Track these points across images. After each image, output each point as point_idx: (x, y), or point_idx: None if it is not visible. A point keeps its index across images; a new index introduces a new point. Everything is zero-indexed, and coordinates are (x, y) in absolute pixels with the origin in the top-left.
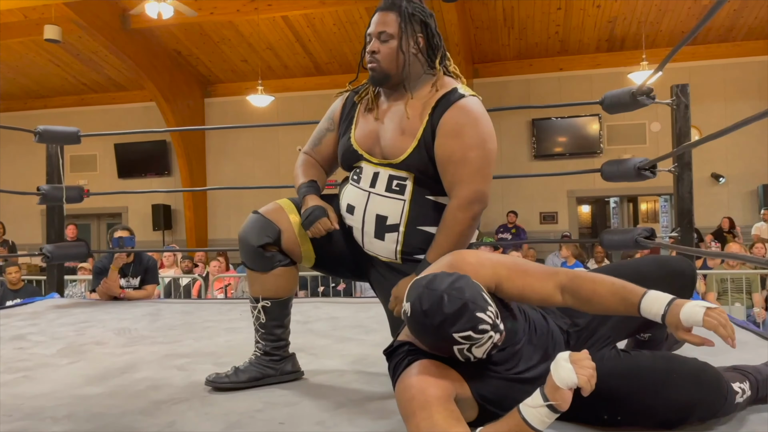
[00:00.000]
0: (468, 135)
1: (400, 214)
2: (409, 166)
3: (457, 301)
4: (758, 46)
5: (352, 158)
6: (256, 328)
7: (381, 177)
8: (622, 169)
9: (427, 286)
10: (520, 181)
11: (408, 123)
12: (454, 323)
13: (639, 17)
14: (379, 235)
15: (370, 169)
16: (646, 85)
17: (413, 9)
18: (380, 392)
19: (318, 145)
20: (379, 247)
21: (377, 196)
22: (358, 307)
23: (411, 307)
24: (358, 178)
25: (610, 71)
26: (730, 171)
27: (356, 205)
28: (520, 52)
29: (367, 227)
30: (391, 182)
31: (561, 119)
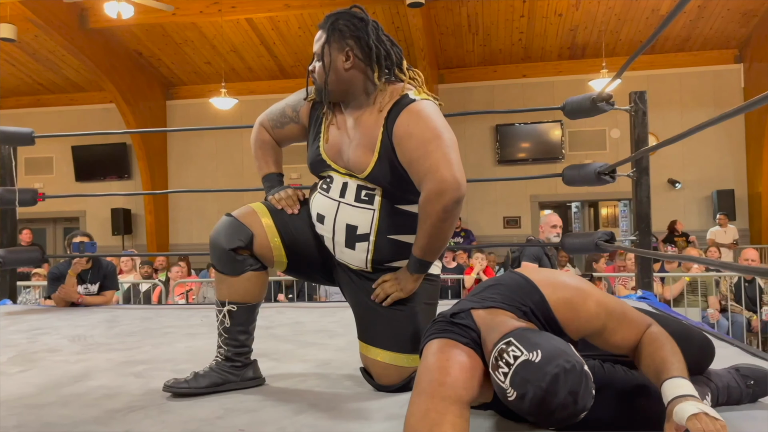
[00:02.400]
0: (421, 131)
1: (370, 224)
2: (374, 180)
3: (570, 408)
4: (713, 56)
5: (321, 167)
6: (220, 332)
7: (350, 187)
8: (582, 173)
9: (547, 390)
10: (484, 186)
11: (365, 137)
12: (562, 419)
13: (599, 26)
14: (349, 244)
15: (340, 179)
16: (605, 92)
17: (343, 24)
18: (343, 396)
19: (279, 128)
20: (349, 256)
21: (347, 206)
22: (322, 312)
23: (516, 395)
24: (327, 188)
25: (572, 78)
26: (686, 177)
27: (326, 214)
28: (485, 59)
29: (338, 237)
30: (360, 192)
31: (524, 125)
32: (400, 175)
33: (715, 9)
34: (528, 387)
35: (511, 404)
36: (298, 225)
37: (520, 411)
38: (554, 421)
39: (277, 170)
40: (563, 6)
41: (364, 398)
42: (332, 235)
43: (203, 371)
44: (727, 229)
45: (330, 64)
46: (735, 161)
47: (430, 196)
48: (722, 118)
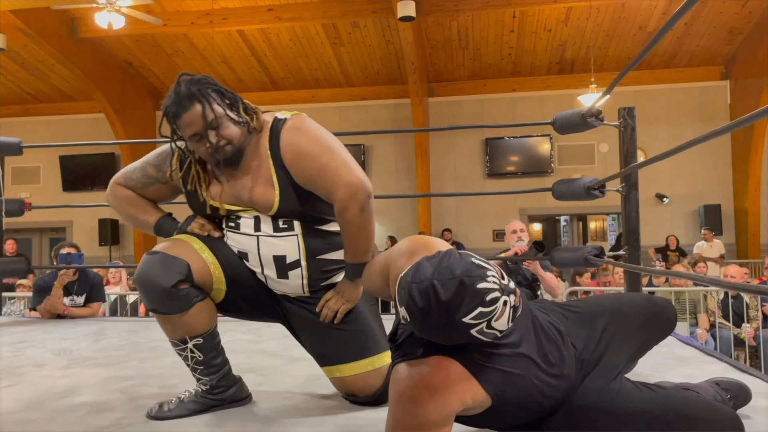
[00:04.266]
0: (309, 146)
1: (298, 250)
2: (285, 213)
3: (451, 283)
4: (699, 73)
5: (214, 214)
6: (193, 367)
7: (264, 220)
8: (572, 188)
9: (414, 280)
10: (474, 199)
11: (258, 174)
12: (458, 308)
13: (588, 42)
14: (282, 275)
15: (248, 215)
16: (595, 108)
17: (196, 90)
18: (331, 415)
19: (143, 189)
20: (285, 285)
21: (268, 238)
22: None
23: (407, 310)
24: (236, 225)
25: (561, 93)
26: (674, 192)
27: (248, 251)
28: (475, 73)
29: (267, 270)
30: (277, 222)
31: (513, 139)
32: (307, 196)
33: (702, 26)
34: (401, 293)
35: (413, 326)
36: (230, 252)
37: (420, 327)
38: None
39: (166, 213)
40: (552, 22)
41: (352, 417)
42: (261, 269)
43: (187, 398)
44: (713, 244)
45: (221, 128)
46: (721, 176)
47: (344, 203)
48: (711, 136)
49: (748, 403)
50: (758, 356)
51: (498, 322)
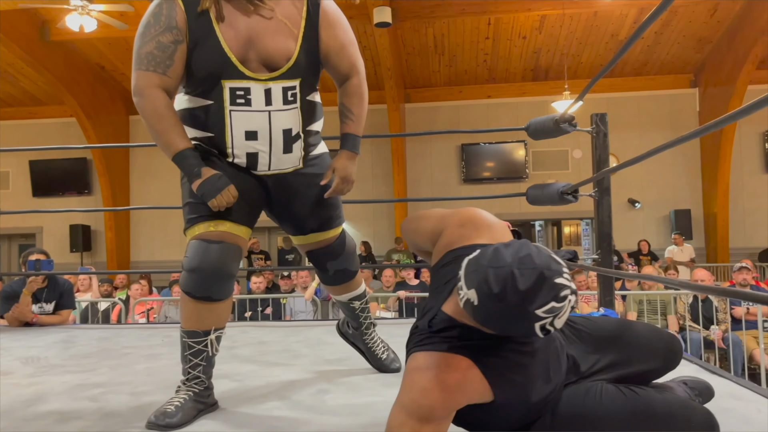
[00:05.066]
0: (345, 22)
1: (299, 122)
2: (297, 70)
3: (531, 273)
4: (669, 80)
5: (220, 71)
6: (197, 363)
7: (275, 92)
8: (546, 193)
9: (491, 265)
10: (450, 205)
11: (285, 22)
12: (534, 299)
13: (561, 49)
14: (287, 149)
15: (259, 87)
16: (568, 114)
17: None
18: (304, 420)
19: (171, 65)
20: (286, 160)
21: (278, 112)
22: (287, 331)
23: (478, 293)
24: (246, 101)
25: (535, 99)
26: (645, 197)
27: (259, 128)
28: (451, 79)
29: (275, 147)
30: (287, 94)
31: (489, 145)
32: (316, 63)
33: (671, 35)
34: (473, 276)
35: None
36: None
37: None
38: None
39: (191, 143)
40: (527, 29)
41: (326, 421)
42: (269, 147)
43: (183, 403)
44: (684, 248)
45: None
46: (691, 183)
47: (363, 77)
48: (679, 141)
49: (710, 401)
50: (727, 358)
51: (559, 321)
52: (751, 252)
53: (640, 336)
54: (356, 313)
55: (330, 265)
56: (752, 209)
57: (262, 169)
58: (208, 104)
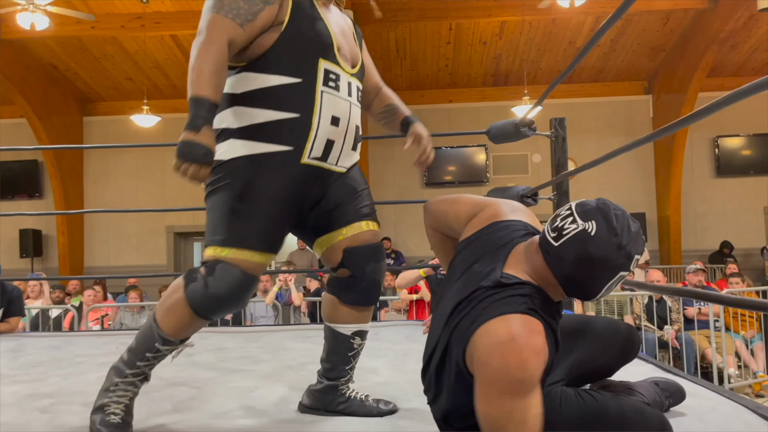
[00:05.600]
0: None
1: (362, 122)
2: (361, 75)
3: (636, 226)
4: (625, 87)
5: (322, 51)
6: (151, 363)
7: (353, 86)
8: (506, 196)
9: (614, 207)
10: (413, 208)
11: (349, 30)
12: (633, 245)
13: (521, 55)
14: (355, 146)
15: (345, 78)
16: (527, 118)
17: None
18: (263, 428)
19: (252, 21)
20: (350, 158)
21: (355, 106)
22: (247, 337)
23: (597, 225)
24: (336, 87)
25: (496, 104)
26: None
27: (341, 116)
28: (412, 83)
29: (348, 140)
30: (358, 93)
31: (451, 149)
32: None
33: (626, 43)
34: (594, 212)
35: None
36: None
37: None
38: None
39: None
40: (487, 35)
41: (288, 429)
42: (344, 139)
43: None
44: None
45: None
46: (645, 186)
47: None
48: (632, 146)
49: (682, 402)
50: (680, 357)
51: (614, 287)
52: (702, 254)
53: (600, 330)
54: (349, 355)
55: (370, 269)
56: (703, 212)
57: (332, 162)
58: (295, 82)
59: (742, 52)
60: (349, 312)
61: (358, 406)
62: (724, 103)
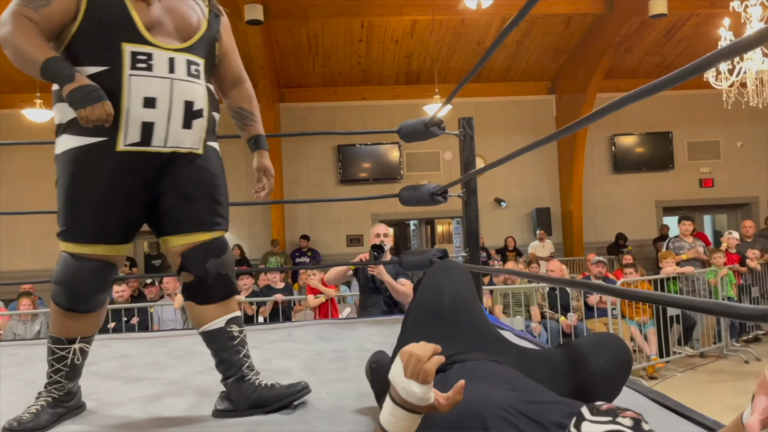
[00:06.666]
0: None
1: (203, 99)
2: (200, 51)
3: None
4: (530, 87)
5: (121, 33)
6: (58, 368)
7: (179, 62)
8: (417, 194)
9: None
10: (328, 206)
11: (193, 4)
12: None
13: (432, 54)
14: (187, 123)
15: (163, 55)
16: (437, 117)
17: None
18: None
19: (46, 6)
20: (185, 137)
21: (181, 82)
22: (153, 342)
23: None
24: (148, 67)
25: (408, 102)
26: (510, 196)
27: (158, 96)
28: (326, 80)
29: (175, 118)
30: (190, 67)
31: (365, 146)
32: (213, 55)
33: (531, 44)
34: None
35: None
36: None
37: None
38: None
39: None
40: (399, 33)
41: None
42: (167, 118)
43: (40, 410)
44: (545, 244)
45: None
46: (550, 182)
47: (249, 83)
48: (536, 145)
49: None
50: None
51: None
52: (601, 246)
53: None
54: (233, 344)
55: (211, 265)
56: (602, 206)
57: (157, 144)
58: (102, 70)
59: (636, 55)
60: (212, 309)
61: (268, 392)
62: (621, 104)
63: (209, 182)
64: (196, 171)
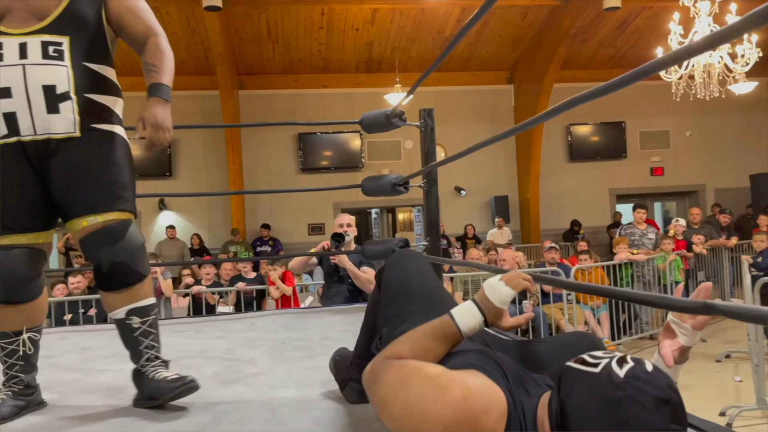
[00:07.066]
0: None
1: (67, 80)
2: (62, 28)
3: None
4: (489, 77)
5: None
6: (11, 364)
7: (31, 46)
8: (379, 184)
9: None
10: (289, 194)
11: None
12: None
13: (393, 43)
14: (52, 108)
15: (13, 42)
16: (398, 109)
17: None
18: (138, 426)
19: None
20: (55, 122)
21: (35, 66)
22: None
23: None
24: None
25: (369, 91)
26: (470, 185)
27: (12, 84)
28: (285, 67)
29: (36, 105)
30: (46, 49)
31: (326, 135)
32: (95, 26)
33: (490, 35)
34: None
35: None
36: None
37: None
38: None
39: None
40: (359, 21)
41: (163, 428)
42: (27, 105)
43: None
44: (503, 231)
45: None
46: (508, 171)
47: (163, 37)
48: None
49: None
50: (536, 330)
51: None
52: (557, 232)
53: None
54: (134, 336)
55: (105, 254)
56: (558, 194)
57: (27, 133)
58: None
59: (591, 46)
60: (114, 297)
61: (157, 385)
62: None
63: (93, 164)
64: (76, 155)
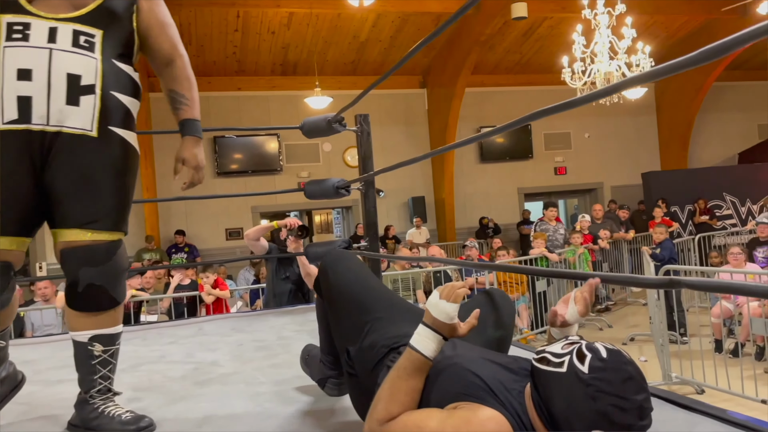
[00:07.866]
0: (165, 5)
1: (95, 74)
2: (99, 21)
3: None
4: (403, 81)
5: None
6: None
7: (62, 32)
8: (323, 188)
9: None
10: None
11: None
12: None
13: (309, 46)
14: (72, 99)
15: (43, 25)
16: (339, 115)
17: None
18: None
19: None
20: (72, 115)
21: (63, 53)
22: (54, 347)
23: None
24: (23, 37)
25: (287, 94)
26: (388, 186)
27: (34, 67)
28: (198, 69)
29: (56, 92)
30: (78, 38)
31: (242, 138)
32: (127, 28)
33: (404, 40)
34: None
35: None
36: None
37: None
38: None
39: None
40: (275, 25)
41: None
42: (47, 91)
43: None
44: (422, 230)
45: None
46: (424, 172)
47: (186, 60)
48: (437, 153)
49: None
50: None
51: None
52: (470, 230)
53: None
54: (91, 363)
55: (84, 274)
56: (471, 194)
57: (39, 121)
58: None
59: (498, 52)
60: (81, 318)
61: (108, 422)
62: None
63: (99, 174)
64: (87, 156)
